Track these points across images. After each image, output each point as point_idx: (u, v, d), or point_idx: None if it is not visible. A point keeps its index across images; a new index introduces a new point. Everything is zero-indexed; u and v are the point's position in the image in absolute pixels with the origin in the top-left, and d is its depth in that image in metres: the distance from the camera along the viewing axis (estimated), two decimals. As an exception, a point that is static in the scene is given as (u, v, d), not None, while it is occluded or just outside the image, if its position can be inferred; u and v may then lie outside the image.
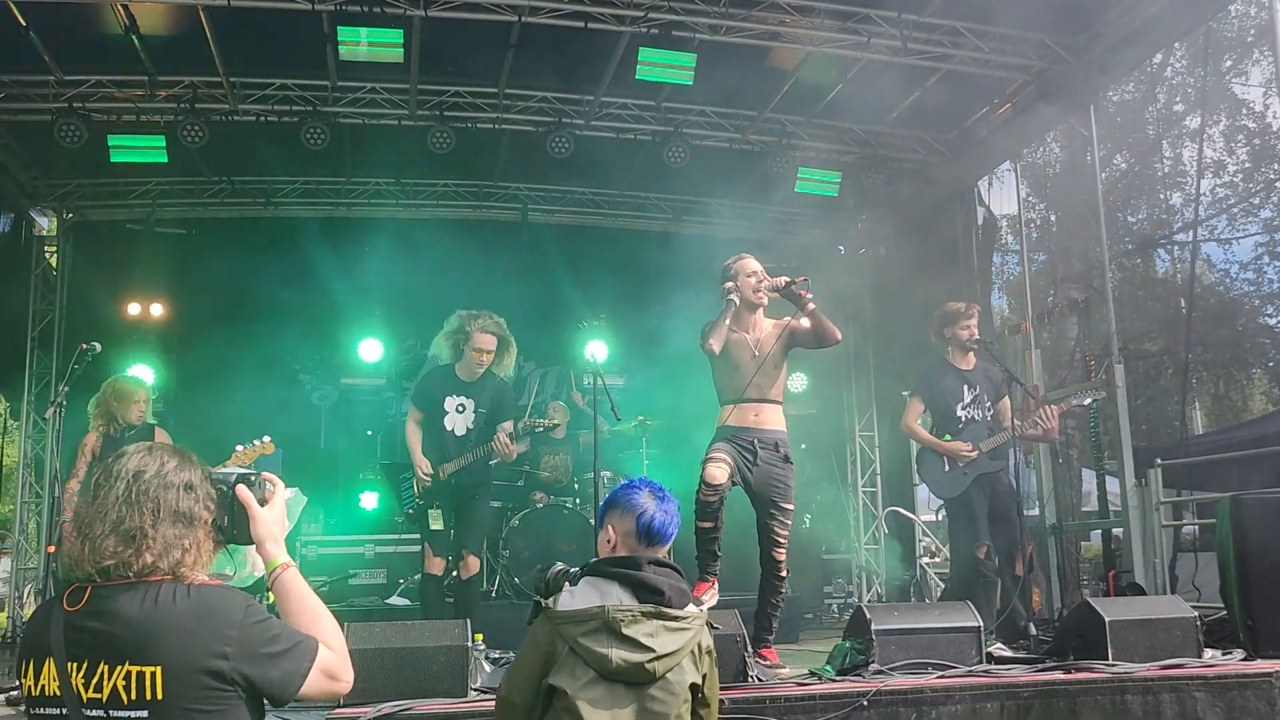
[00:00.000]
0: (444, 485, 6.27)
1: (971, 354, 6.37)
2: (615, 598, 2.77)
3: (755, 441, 5.37)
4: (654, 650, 2.70)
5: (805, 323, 5.39)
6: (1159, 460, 7.68)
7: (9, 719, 4.12)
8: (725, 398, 5.53)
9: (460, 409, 6.32)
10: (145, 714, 1.98)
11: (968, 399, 6.31)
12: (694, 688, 2.79)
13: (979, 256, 9.68)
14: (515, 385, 11.10)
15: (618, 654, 2.68)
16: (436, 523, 6.28)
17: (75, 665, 2.00)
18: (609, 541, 2.93)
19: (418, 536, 6.68)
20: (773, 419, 5.49)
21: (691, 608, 2.85)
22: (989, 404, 6.35)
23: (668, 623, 2.75)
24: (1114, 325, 7.93)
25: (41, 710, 2.05)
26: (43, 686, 2.03)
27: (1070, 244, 17.28)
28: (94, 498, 2.13)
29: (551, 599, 2.84)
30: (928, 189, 9.79)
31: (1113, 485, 8.30)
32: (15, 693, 4.53)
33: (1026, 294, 9.59)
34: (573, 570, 2.97)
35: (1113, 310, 8.02)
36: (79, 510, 2.16)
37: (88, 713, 1.99)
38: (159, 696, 1.97)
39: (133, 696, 1.97)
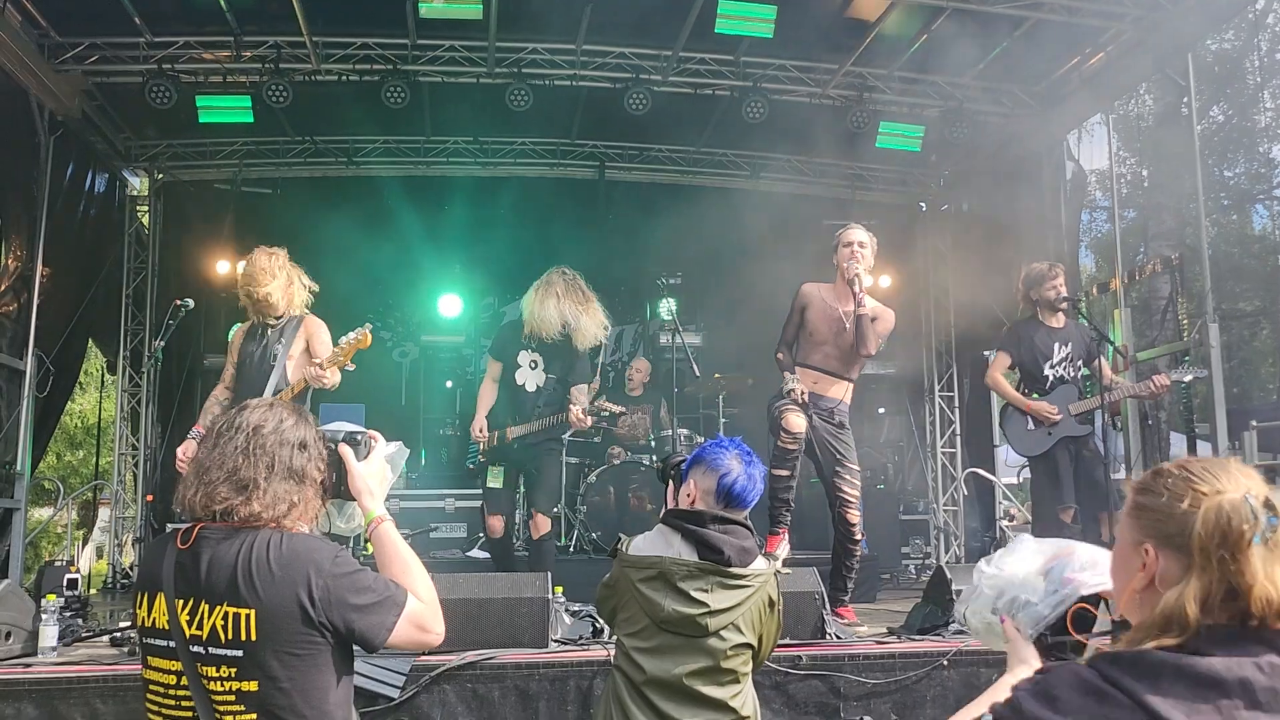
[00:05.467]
0: (509, 447, 6.11)
1: (1061, 313, 6.24)
2: (677, 550, 2.83)
3: (810, 406, 5.43)
4: (708, 605, 2.75)
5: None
6: (1254, 422, 7.43)
7: (111, 659, 4.30)
8: (798, 359, 5.58)
9: (533, 365, 6.19)
10: (240, 654, 2.06)
11: (1057, 358, 6.17)
12: (748, 646, 2.83)
13: (1066, 212, 9.41)
14: (591, 343, 11.21)
15: (671, 605, 2.74)
16: (495, 480, 6.13)
17: (181, 602, 2.10)
18: (689, 496, 2.96)
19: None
20: (833, 390, 5.53)
21: (759, 563, 2.88)
22: (1079, 363, 6.22)
23: (725, 580, 2.78)
24: (1209, 284, 7.65)
25: (152, 641, 2.16)
26: (154, 619, 2.15)
27: (1162, 199, 16.70)
28: (214, 445, 2.23)
29: (627, 541, 2.95)
30: (1014, 143, 9.52)
31: (1204, 448, 8.07)
32: (119, 634, 4.75)
33: (1117, 251, 9.30)
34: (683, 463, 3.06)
35: (1208, 268, 7.75)
36: (199, 455, 2.26)
37: (191, 648, 2.09)
38: (253, 638, 2.06)
39: (229, 636, 2.06)
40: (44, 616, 4.40)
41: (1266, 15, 17.15)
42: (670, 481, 3.11)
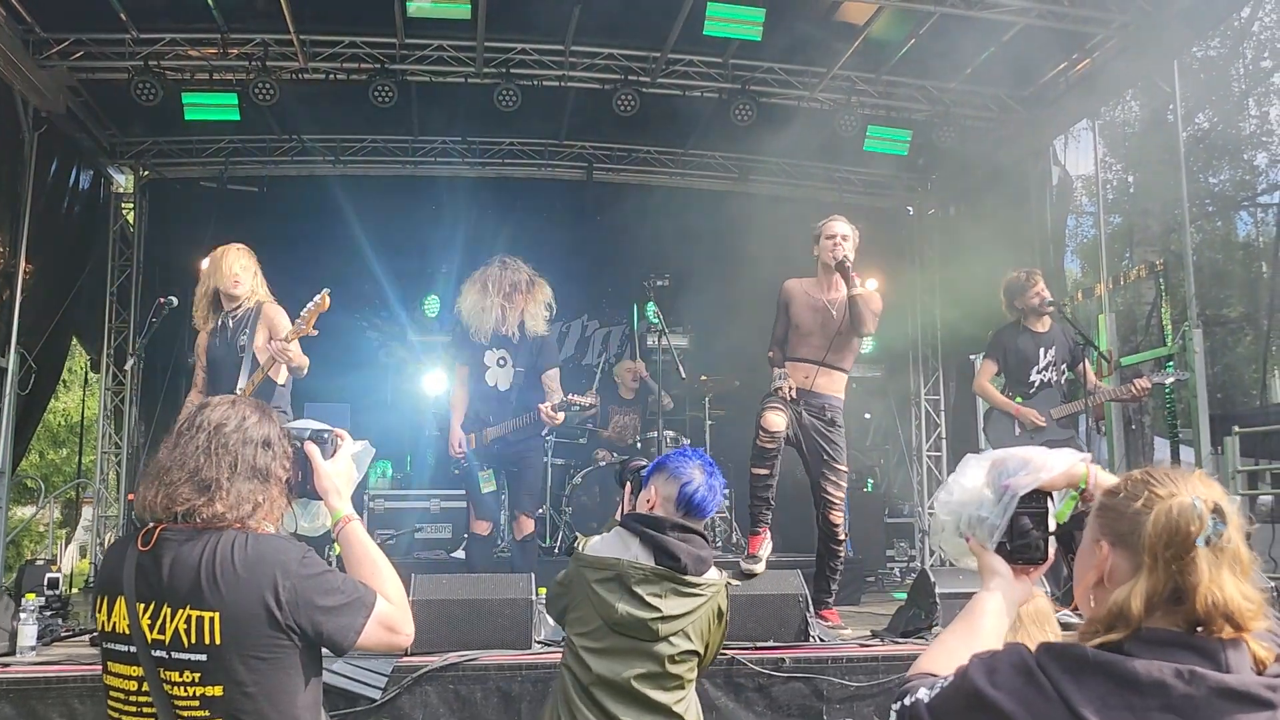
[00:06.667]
0: (490, 449, 5.98)
1: (1047, 317, 6.27)
2: (634, 554, 2.86)
3: (801, 402, 5.42)
4: (660, 610, 2.78)
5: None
6: (1236, 428, 7.48)
7: (90, 659, 4.27)
8: (787, 354, 5.57)
9: (501, 363, 5.98)
10: (204, 658, 2.01)
11: (1043, 362, 6.21)
12: (694, 654, 2.86)
13: (1052, 218, 9.44)
14: (579, 345, 11.21)
15: (624, 607, 2.77)
16: (488, 484, 5.98)
17: (143, 606, 2.04)
18: (648, 502, 3.00)
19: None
20: (825, 384, 5.50)
21: (711, 574, 2.92)
22: (1063, 367, 6.25)
23: (679, 587, 2.82)
24: (1193, 289, 7.70)
25: (113, 647, 2.11)
26: (114, 623, 2.09)
27: (1148, 205, 16.80)
28: (174, 445, 2.18)
29: (585, 541, 2.99)
30: (1001, 148, 9.56)
31: (1187, 453, 8.11)
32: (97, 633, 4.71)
33: (1102, 256, 9.34)
34: (645, 468, 3.10)
35: (1192, 274, 7.79)
36: (159, 456, 2.21)
37: (153, 653, 2.03)
38: (217, 641, 2.01)
39: (192, 640, 2.01)
40: (23, 615, 4.37)
41: (1252, 23, 17.28)
42: (628, 485, 3.14)
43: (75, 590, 8.83)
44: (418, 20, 8.00)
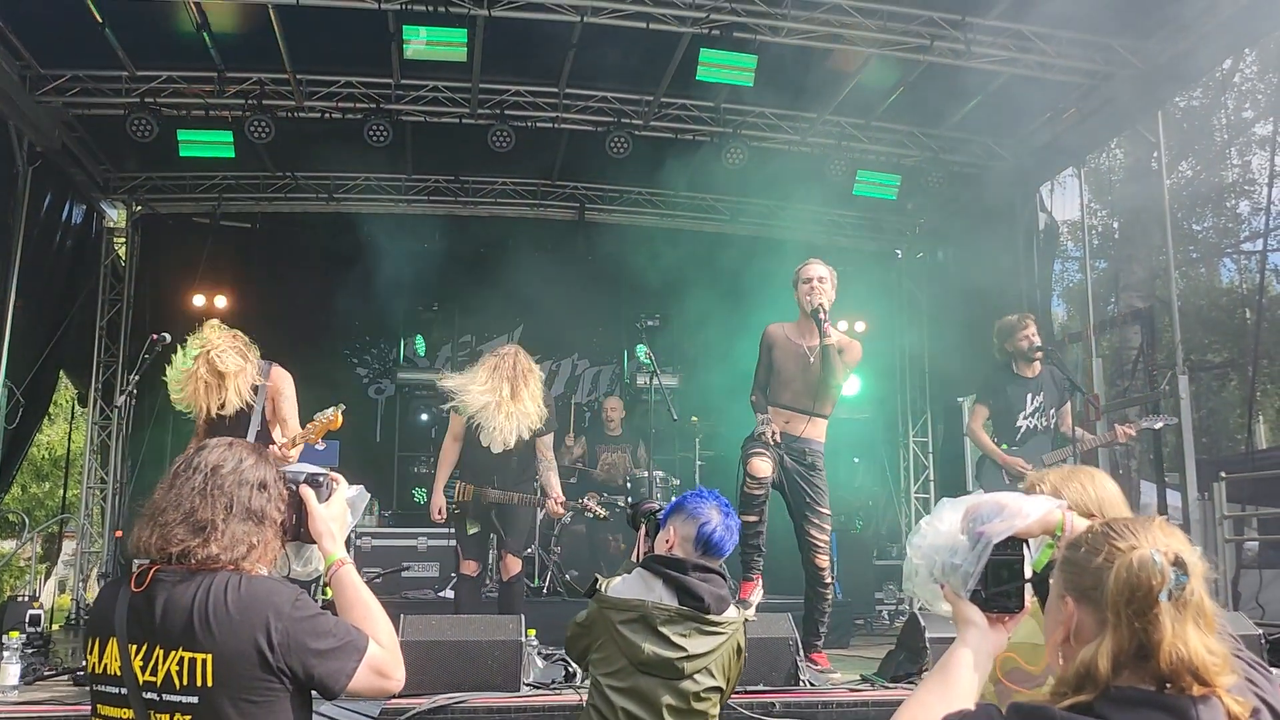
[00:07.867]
0: (485, 507, 5.91)
1: (1036, 362, 6.31)
2: (658, 595, 2.90)
3: (783, 447, 5.43)
4: (686, 650, 2.83)
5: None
6: (1223, 473, 7.51)
7: (74, 698, 4.22)
8: (770, 399, 5.58)
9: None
10: (195, 700, 2.00)
11: (1030, 408, 6.24)
12: (717, 689, 2.91)
13: (1039, 262, 9.53)
14: (568, 383, 11.22)
15: (650, 647, 2.82)
16: (473, 526, 5.95)
17: (135, 647, 2.03)
18: (667, 542, 3.04)
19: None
20: (806, 429, 5.49)
21: (730, 612, 2.97)
22: (1052, 412, 6.28)
23: (703, 626, 2.87)
24: (1178, 335, 7.77)
25: (103, 688, 2.09)
26: (105, 665, 2.07)
27: (1133, 251, 16.97)
28: (170, 485, 2.17)
29: (606, 583, 3.02)
30: (988, 193, 9.66)
31: (1174, 498, 8.14)
32: (82, 673, 4.66)
33: (1089, 301, 9.43)
34: (659, 511, 3.15)
35: (1177, 320, 7.87)
36: (154, 496, 2.20)
37: (144, 695, 2.02)
38: (209, 683, 1.99)
39: (184, 682, 2.00)
40: (5, 654, 4.32)
41: (1233, 75, 17.57)
42: (642, 527, 3.17)
43: (56, 627, 8.72)
44: (414, 61, 8.08)
